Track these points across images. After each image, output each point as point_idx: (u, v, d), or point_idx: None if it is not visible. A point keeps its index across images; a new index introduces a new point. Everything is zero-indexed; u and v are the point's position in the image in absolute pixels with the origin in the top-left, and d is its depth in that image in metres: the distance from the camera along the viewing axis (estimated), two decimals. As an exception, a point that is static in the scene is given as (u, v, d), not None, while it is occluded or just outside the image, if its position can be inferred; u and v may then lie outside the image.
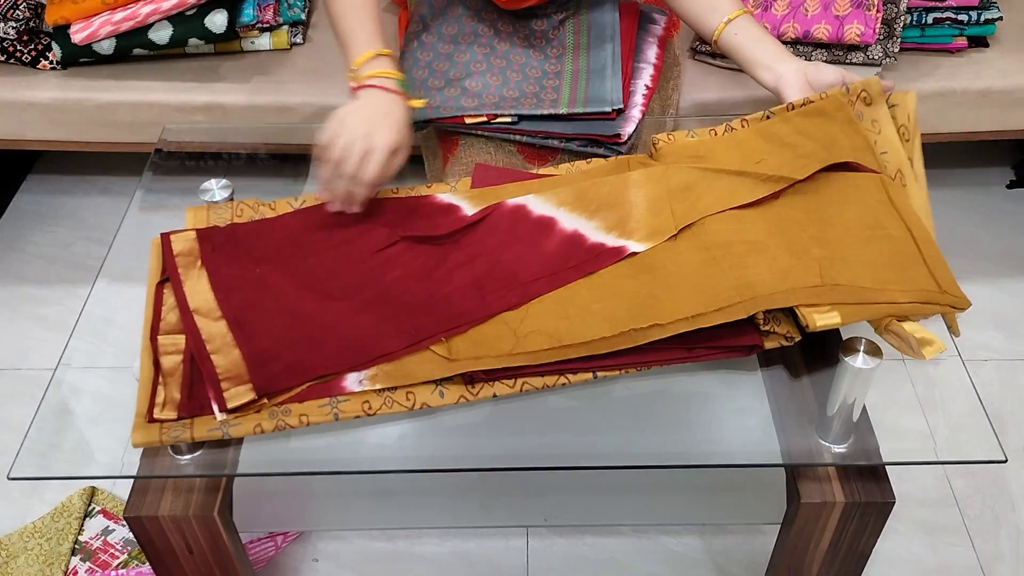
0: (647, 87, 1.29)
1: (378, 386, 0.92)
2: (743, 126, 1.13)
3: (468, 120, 1.22)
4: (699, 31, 1.22)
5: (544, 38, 1.32)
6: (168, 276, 1.01)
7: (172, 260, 1.02)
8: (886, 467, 0.95)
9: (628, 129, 1.20)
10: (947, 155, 2.07)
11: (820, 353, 1.00)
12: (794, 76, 1.10)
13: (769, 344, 0.94)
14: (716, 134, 1.13)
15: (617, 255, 1.01)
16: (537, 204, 1.07)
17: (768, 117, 1.11)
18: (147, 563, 1.33)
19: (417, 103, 1.11)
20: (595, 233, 1.04)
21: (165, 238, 1.04)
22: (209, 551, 0.99)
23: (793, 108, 1.09)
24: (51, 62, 1.63)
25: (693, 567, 1.38)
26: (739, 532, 1.41)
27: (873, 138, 1.07)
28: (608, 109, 1.20)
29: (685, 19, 1.23)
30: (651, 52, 1.34)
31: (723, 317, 0.92)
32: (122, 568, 1.35)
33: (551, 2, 1.31)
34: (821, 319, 0.90)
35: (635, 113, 1.23)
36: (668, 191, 1.05)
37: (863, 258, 0.97)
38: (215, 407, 0.89)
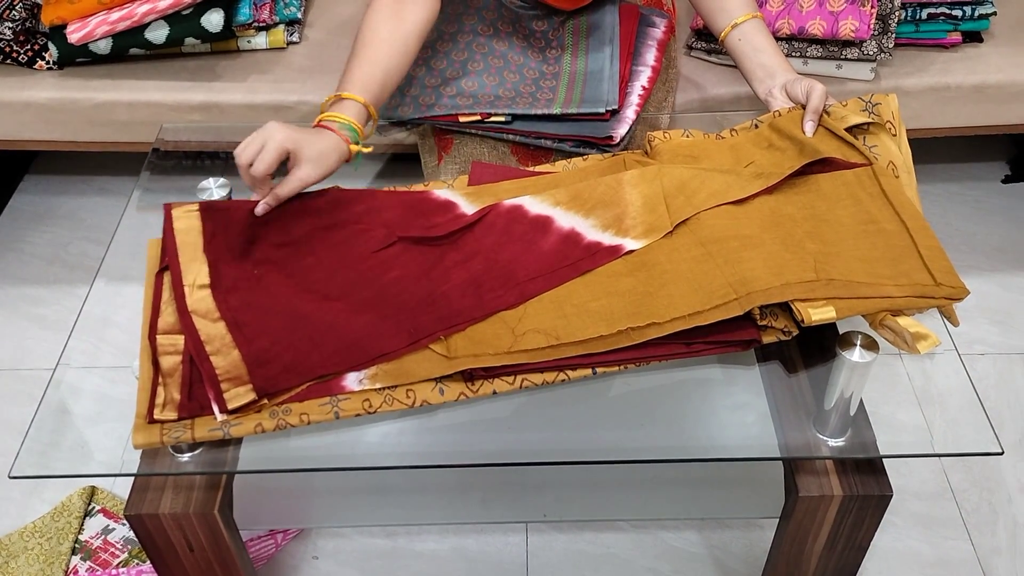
0: (643, 88, 1.29)
1: (378, 385, 0.92)
2: (732, 135, 1.16)
3: (462, 119, 1.23)
4: (709, 27, 1.26)
5: (543, 39, 1.32)
6: (167, 264, 1.00)
7: (172, 237, 1.01)
8: (883, 460, 0.95)
9: (621, 131, 1.21)
10: (942, 150, 2.07)
11: (817, 347, 1.00)
12: (779, 92, 1.16)
13: (767, 338, 0.94)
14: (708, 138, 1.16)
15: (614, 253, 1.01)
16: (533, 204, 1.08)
17: (756, 126, 1.14)
18: (147, 561, 1.33)
19: (358, 148, 1.06)
20: (591, 231, 1.04)
21: (167, 209, 1.03)
22: (210, 549, 0.99)
23: (780, 115, 1.13)
24: (47, 62, 1.63)
25: (692, 561, 1.38)
26: (738, 526, 1.42)
27: (861, 135, 1.09)
28: (602, 110, 1.20)
29: (699, 12, 1.27)
30: (650, 55, 1.34)
31: (719, 315, 0.92)
32: (122, 567, 1.35)
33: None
34: (816, 313, 0.91)
35: (629, 114, 1.23)
36: (663, 189, 1.06)
37: (857, 253, 0.97)
38: (215, 408, 0.89)
